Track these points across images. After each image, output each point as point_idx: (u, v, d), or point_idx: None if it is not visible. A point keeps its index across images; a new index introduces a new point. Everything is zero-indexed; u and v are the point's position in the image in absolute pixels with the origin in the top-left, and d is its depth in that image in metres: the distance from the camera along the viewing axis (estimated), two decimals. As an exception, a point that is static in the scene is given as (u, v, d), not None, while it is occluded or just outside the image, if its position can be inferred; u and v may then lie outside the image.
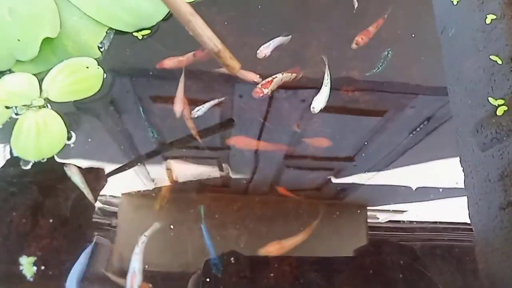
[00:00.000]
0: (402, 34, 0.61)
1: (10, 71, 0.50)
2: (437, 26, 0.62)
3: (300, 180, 0.54)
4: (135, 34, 0.54)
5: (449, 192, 0.53)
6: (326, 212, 0.51)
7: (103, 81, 0.51)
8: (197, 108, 0.52)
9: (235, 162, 0.53)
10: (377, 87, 0.58)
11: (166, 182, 0.51)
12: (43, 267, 0.44)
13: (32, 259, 0.44)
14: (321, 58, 0.56)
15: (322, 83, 0.54)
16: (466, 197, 0.52)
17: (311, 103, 0.53)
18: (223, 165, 0.53)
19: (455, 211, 0.53)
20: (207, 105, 0.52)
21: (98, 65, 0.52)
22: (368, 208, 0.52)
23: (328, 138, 0.54)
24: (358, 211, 0.52)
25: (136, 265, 0.43)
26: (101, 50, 0.53)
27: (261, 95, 0.52)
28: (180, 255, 0.46)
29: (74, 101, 0.51)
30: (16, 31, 0.49)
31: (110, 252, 0.46)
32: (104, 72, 0.52)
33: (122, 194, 0.50)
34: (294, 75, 0.55)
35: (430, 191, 0.54)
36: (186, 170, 0.52)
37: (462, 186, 0.53)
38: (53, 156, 0.49)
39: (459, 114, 0.57)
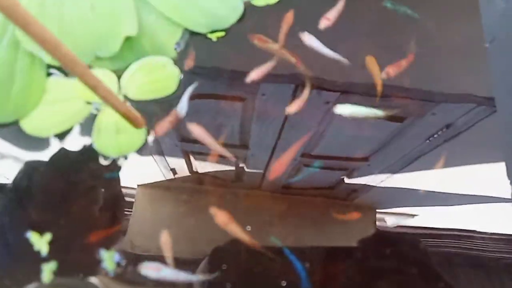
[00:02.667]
0: (447, 43, 0.61)
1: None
2: (485, 35, 0.64)
3: (314, 179, 0.55)
4: (209, 35, 0.55)
5: (473, 199, 0.54)
6: (338, 213, 0.52)
7: (179, 81, 0.52)
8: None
9: (253, 159, 0.54)
10: (419, 95, 0.58)
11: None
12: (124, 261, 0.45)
13: (112, 253, 0.45)
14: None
15: None
16: None
17: (334, 106, 0.52)
18: (241, 162, 0.54)
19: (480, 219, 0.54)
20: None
21: (174, 65, 0.52)
22: (378, 211, 0.53)
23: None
24: (370, 213, 0.53)
25: None
26: (177, 50, 0.54)
27: None
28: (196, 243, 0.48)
29: (151, 99, 0.52)
30: (98, 28, 0.50)
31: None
32: (181, 72, 0.53)
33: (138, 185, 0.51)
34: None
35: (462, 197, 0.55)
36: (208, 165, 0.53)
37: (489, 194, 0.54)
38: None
39: (509, 127, 0.59)
